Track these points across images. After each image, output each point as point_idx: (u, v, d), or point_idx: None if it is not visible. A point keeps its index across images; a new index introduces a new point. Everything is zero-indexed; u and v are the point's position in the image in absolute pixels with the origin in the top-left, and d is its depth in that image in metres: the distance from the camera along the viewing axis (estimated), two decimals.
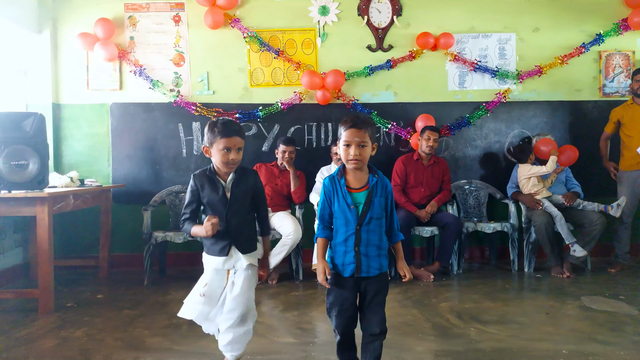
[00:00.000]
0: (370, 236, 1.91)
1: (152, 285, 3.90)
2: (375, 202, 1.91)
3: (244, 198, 2.07)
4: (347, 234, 1.91)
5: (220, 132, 1.98)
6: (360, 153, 1.88)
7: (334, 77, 4.42)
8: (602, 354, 2.38)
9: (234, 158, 1.99)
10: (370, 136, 1.90)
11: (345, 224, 1.92)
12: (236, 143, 2.00)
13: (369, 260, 1.91)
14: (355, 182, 1.94)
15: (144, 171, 4.59)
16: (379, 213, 1.92)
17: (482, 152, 4.74)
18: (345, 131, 1.90)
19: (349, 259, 1.91)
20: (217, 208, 2.04)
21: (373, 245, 1.91)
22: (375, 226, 1.91)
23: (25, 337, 2.72)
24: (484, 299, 3.42)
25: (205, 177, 2.07)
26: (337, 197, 1.93)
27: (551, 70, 4.69)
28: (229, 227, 2.03)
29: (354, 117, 1.92)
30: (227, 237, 2.03)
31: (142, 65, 4.55)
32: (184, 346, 2.58)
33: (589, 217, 4.03)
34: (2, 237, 3.90)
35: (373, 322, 1.92)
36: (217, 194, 2.04)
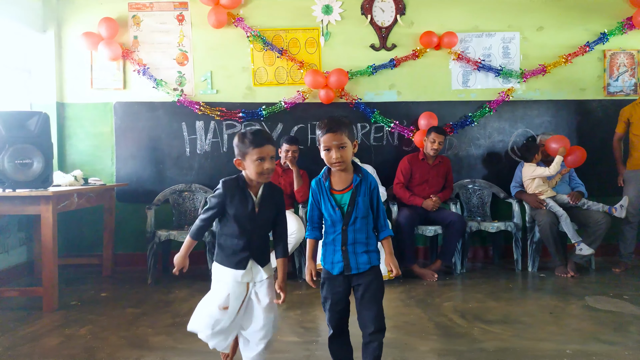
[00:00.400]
0: (357, 235, 1.94)
1: (156, 284, 3.91)
2: (360, 202, 1.93)
3: (269, 215, 2.03)
4: (335, 234, 1.95)
5: (252, 142, 1.93)
6: (342, 155, 1.90)
7: (337, 76, 4.41)
8: (606, 354, 2.37)
9: (269, 167, 1.93)
10: (348, 136, 1.91)
11: (332, 224, 1.96)
12: (269, 152, 1.95)
13: (357, 257, 1.94)
14: (340, 184, 1.96)
15: (147, 170, 4.60)
16: (364, 212, 1.94)
17: (486, 152, 4.72)
18: (323, 137, 1.91)
19: (337, 257, 1.95)
20: (242, 221, 1.97)
21: (360, 243, 1.94)
22: (361, 225, 1.94)
23: (30, 335, 2.74)
24: (487, 298, 3.41)
25: (237, 187, 1.99)
26: (323, 199, 1.96)
27: (555, 69, 4.67)
28: (251, 242, 1.98)
29: (329, 120, 1.93)
30: (247, 251, 1.97)
31: (145, 64, 4.56)
32: (188, 345, 2.59)
33: (593, 217, 4.02)
34: (7, 235, 3.92)
35: (367, 319, 1.92)
36: (246, 208, 1.97)
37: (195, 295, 3.55)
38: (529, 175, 4.24)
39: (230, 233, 1.99)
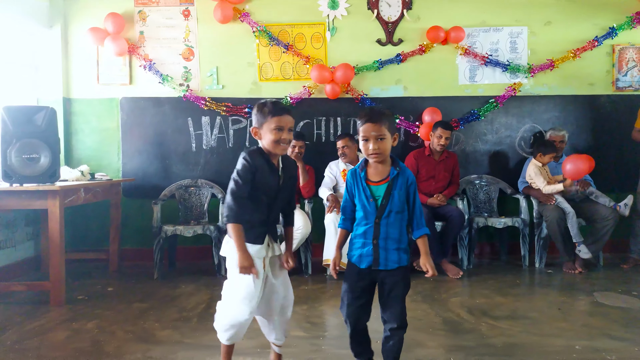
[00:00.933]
0: (390, 229, 1.89)
1: (162, 279, 3.92)
2: (395, 196, 1.89)
3: (289, 187, 2.01)
4: (367, 226, 1.91)
5: (271, 112, 1.89)
6: (379, 147, 1.86)
7: (344, 71, 4.39)
8: (615, 350, 2.35)
9: (286, 137, 1.89)
10: (388, 128, 1.87)
11: (364, 216, 1.92)
12: (288, 122, 1.91)
13: (387, 253, 1.90)
14: (376, 175, 1.93)
15: (153, 165, 4.60)
16: (399, 206, 1.90)
17: (493, 147, 4.69)
18: (362, 126, 1.89)
19: (366, 251, 1.91)
20: (269, 194, 1.92)
21: (392, 239, 1.90)
22: (395, 220, 1.90)
23: (37, 329, 2.75)
24: (494, 294, 3.39)
25: (263, 157, 1.91)
26: (358, 190, 1.93)
27: (563, 64, 4.62)
28: (270, 215, 1.95)
29: (370, 110, 1.90)
30: (265, 225, 1.95)
31: (151, 59, 4.56)
32: (194, 339, 2.59)
33: (601, 213, 3.98)
34: (14, 230, 3.93)
35: (390, 315, 1.91)
36: (274, 179, 1.93)
37: (201, 290, 3.56)
38: (528, 176, 4.23)
39: (253, 208, 1.91)
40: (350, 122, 4.62)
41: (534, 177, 4.17)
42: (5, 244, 3.82)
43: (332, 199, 3.94)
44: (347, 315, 1.97)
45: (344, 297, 1.97)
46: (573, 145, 4.63)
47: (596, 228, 3.99)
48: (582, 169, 3.88)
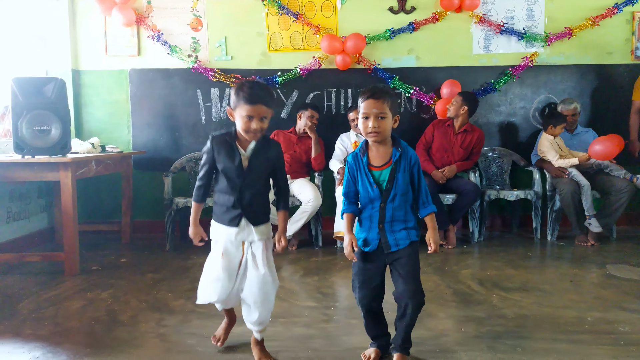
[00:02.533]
0: (396, 212, 1.85)
1: (174, 251, 3.95)
2: (399, 179, 1.83)
3: (261, 170, 1.93)
4: (372, 210, 1.87)
5: (243, 98, 1.81)
6: (379, 125, 1.80)
7: (355, 41, 4.30)
8: (628, 321, 2.34)
9: (255, 127, 1.83)
10: (390, 107, 1.81)
11: (369, 202, 1.87)
12: (260, 112, 1.82)
13: (395, 234, 1.86)
14: (378, 159, 1.87)
15: (163, 138, 4.59)
16: (403, 189, 1.84)
17: (507, 119, 4.61)
18: (363, 102, 1.82)
19: (372, 235, 1.88)
20: (231, 177, 1.90)
21: (398, 221, 1.86)
22: (400, 202, 1.85)
23: (53, 298, 2.79)
24: (506, 266, 3.38)
25: (224, 141, 1.90)
26: (360, 175, 1.88)
27: (581, 32, 4.48)
28: (242, 198, 1.90)
29: (372, 87, 1.84)
30: (239, 208, 1.90)
31: (159, 30, 4.49)
32: (207, 308, 2.61)
33: (616, 185, 3.92)
34: (27, 202, 3.97)
35: (405, 294, 1.86)
36: (233, 163, 1.89)
37: None
38: (540, 149, 4.16)
39: (222, 189, 1.94)
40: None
41: (546, 151, 4.10)
42: (19, 216, 3.87)
43: (343, 172, 3.91)
44: (359, 298, 1.93)
45: (354, 280, 1.94)
46: (588, 116, 4.54)
47: (610, 201, 3.93)
48: (610, 152, 3.77)
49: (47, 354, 2.09)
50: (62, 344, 2.18)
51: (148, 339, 2.24)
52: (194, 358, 2.04)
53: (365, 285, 1.91)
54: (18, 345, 2.18)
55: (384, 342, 2.01)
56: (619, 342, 2.13)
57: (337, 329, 2.32)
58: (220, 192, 1.95)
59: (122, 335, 2.27)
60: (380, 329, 2.01)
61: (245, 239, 1.94)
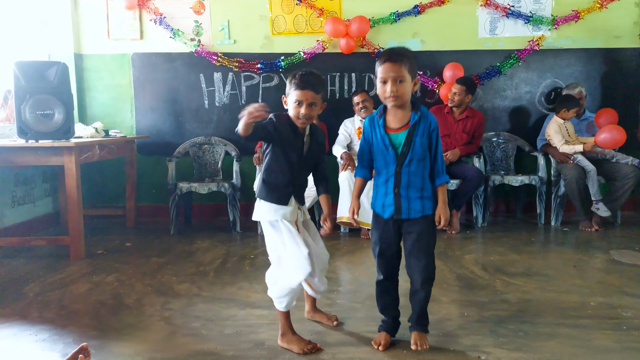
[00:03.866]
0: (412, 178, 1.82)
1: (178, 235, 3.97)
2: (417, 143, 1.79)
3: (315, 154, 2.01)
4: (387, 175, 1.85)
5: (294, 84, 1.87)
6: (398, 89, 1.74)
7: (359, 24, 4.25)
8: (631, 306, 2.35)
9: (304, 113, 1.86)
10: (408, 70, 1.75)
11: (384, 166, 1.86)
12: (308, 97, 1.85)
13: (410, 202, 1.84)
14: (395, 122, 1.83)
15: (167, 123, 4.58)
16: (420, 154, 1.81)
17: (512, 103, 4.57)
18: (380, 66, 1.77)
19: (388, 200, 1.86)
20: (292, 159, 1.93)
21: (414, 187, 1.83)
22: (417, 168, 1.82)
23: (59, 282, 2.82)
24: (509, 251, 3.38)
25: (288, 123, 1.92)
26: (376, 138, 1.85)
27: (589, 15, 4.41)
28: (295, 179, 1.96)
29: (390, 50, 1.79)
30: (290, 188, 1.95)
31: (162, 13, 4.45)
32: (211, 292, 2.64)
33: (622, 171, 3.90)
34: (32, 186, 3.99)
35: (416, 268, 1.88)
36: (296, 147, 1.93)
37: (217, 246, 3.60)
38: (547, 132, 4.12)
39: (275, 168, 1.94)
40: (365, 77, 4.52)
41: (553, 135, 4.07)
42: (24, 200, 3.88)
43: (346, 157, 3.90)
44: (378, 264, 1.96)
45: (374, 248, 1.96)
46: (595, 101, 4.49)
47: (616, 186, 3.92)
48: (618, 140, 3.76)
49: (53, 336, 2.11)
50: (68, 327, 2.20)
51: (153, 322, 2.26)
52: (199, 341, 2.06)
53: (383, 253, 1.93)
54: (25, 328, 2.20)
55: (391, 322, 2.00)
56: (621, 327, 2.13)
57: (340, 312, 2.33)
58: (272, 171, 1.95)
59: (127, 319, 2.29)
60: (391, 299, 2.00)
61: (297, 218, 1.99)
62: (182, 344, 2.03)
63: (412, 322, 1.98)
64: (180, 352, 1.96)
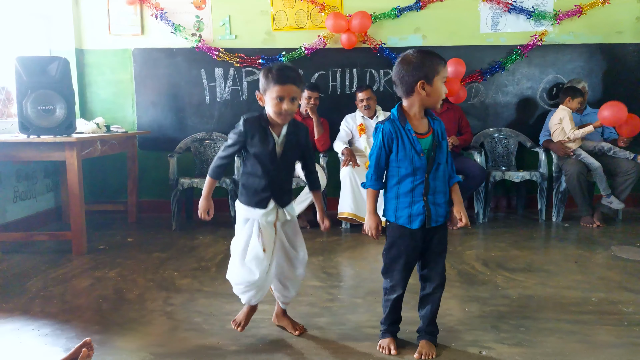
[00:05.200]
0: (437, 183, 1.81)
1: (180, 230, 3.98)
2: (443, 146, 1.81)
3: (293, 154, 1.95)
4: (415, 183, 1.79)
5: (274, 79, 1.80)
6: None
7: (360, 20, 4.24)
8: (632, 302, 2.35)
9: (287, 109, 1.81)
10: None
11: (412, 172, 1.78)
12: (290, 92, 1.81)
13: (437, 208, 1.81)
14: (421, 127, 1.80)
15: (168, 118, 4.58)
16: (443, 158, 1.81)
17: (514, 99, 4.56)
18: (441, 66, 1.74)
19: (417, 209, 1.80)
20: (264, 162, 1.89)
21: (440, 193, 1.82)
22: (441, 172, 1.81)
23: (61, 277, 2.83)
24: (510, 247, 3.39)
25: (258, 125, 1.87)
26: (403, 143, 1.78)
27: (592, 10, 4.40)
28: (272, 182, 1.91)
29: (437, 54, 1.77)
30: (268, 191, 1.91)
31: (163, 8, 4.44)
32: (213, 287, 2.64)
33: (623, 167, 3.89)
34: (34, 182, 3.99)
35: (435, 273, 1.87)
36: (266, 147, 1.87)
37: (219, 241, 3.61)
38: (557, 120, 4.07)
39: (252, 172, 1.92)
40: (366, 73, 4.51)
41: (563, 122, 4.03)
42: (26, 195, 3.89)
43: (348, 153, 3.90)
44: (398, 281, 1.87)
45: (393, 264, 1.86)
46: (597, 96, 4.48)
47: (617, 182, 3.91)
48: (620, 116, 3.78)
49: (56, 331, 2.12)
50: (71, 321, 2.21)
51: (155, 317, 2.27)
52: (201, 336, 2.07)
53: (407, 267, 1.86)
54: (27, 323, 2.21)
55: (397, 329, 1.97)
56: (622, 322, 2.14)
57: (341, 307, 2.34)
58: (250, 175, 1.93)
59: (129, 313, 2.30)
60: (399, 313, 1.96)
61: (276, 220, 1.95)
62: (184, 339, 2.04)
63: (422, 330, 1.94)
64: (183, 347, 1.97)
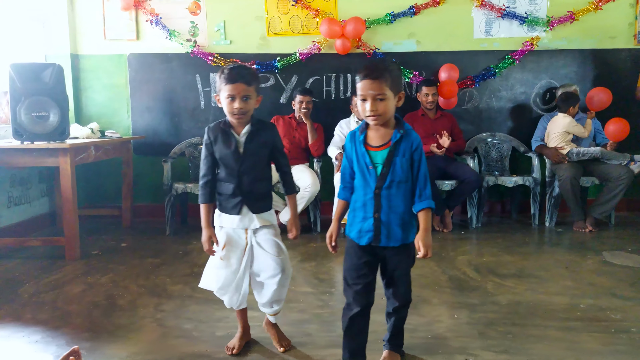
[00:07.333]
0: (393, 202, 1.66)
1: (174, 235, 3.99)
2: (397, 163, 1.65)
3: (259, 154, 1.90)
4: (366, 197, 1.69)
5: (224, 79, 1.80)
6: (378, 108, 1.60)
7: (354, 25, 4.26)
8: (620, 309, 2.36)
9: (238, 107, 1.80)
10: (390, 86, 1.61)
11: (364, 186, 1.70)
12: (240, 90, 1.79)
13: (390, 229, 1.68)
14: (377, 139, 1.69)
15: (163, 123, 4.59)
16: (401, 176, 1.66)
17: (507, 104, 4.58)
18: (359, 83, 1.63)
19: (366, 226, 1.70)
20: (229, 164, 1.88)
21: (396, 213, 1.67)
22: (398, 191, 1.66)
23: (53, 283, 2.84)
24: (502, 252, 3.40)
25: (219, 129, 1.89)
26: (357, 155, 1.70)
27: (584, 16, 4.42)
28: (241, 184, 1.88)
29: (369, 65, 1.63)
30: (239, 195, 1.88)
31: (158, 14, 4.46)
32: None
33: (614, 172, 3.90)
34: (28, 187, 4.00)
35: (395, 294, 1.79)
36: (229, 149, 1.86)
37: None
38: (564, 128, 4.06)
39: (222, 177, 1.92)
40: None
41: (576, 129, 4.02)
42: (20, 200, 3.90)
43: (341, 158, 3.91)
44: (352, 296, 1.74)
45: (346, 277, 1.76)
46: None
47: (609, 187, 3.93)
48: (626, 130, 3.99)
49: (46, 337, 2.13)
50: (61, 328, 2.22)
51: (145, 323, 2.28)
52: (190, 343, 2.08)
53: (358, 281, 1.73)
54: (18, 329, 2.22)
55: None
56: (609, 329, 2.15)
57: (331, 314, 2.35)
58: (221, 180, 1.93)
59: (120, 320, 2.31)
60: (360, 341, 1.78)
61: (248, 226, 1.92)
62: (173, 346, 2.05)
63: (386, 340, 1.90)
64: (171, 355, 1.98)
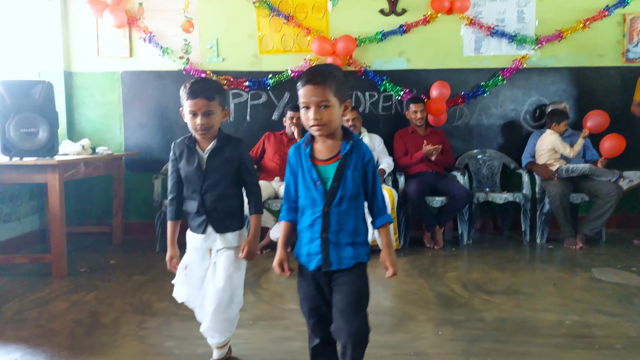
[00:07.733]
0: (342, 219, 1.51)
1: (164, 252, 3.90)
2: (348, 177, 1.50)
3: (223, 170, 1.83)
4: (314, 216, 1.53)
5: (185, 94, 1.76)
6: (322, 116, 1.46)
7: (345, 43, 4.31)
8: (605, 326, 2.35)
9: (200, 123, 1.75)
10: (334, 93, 1.47)
11: (311, 204, 1.53)
12: (202, 106, 1.74)
13: (340, 249, 1.52)
14: (324, 152, 1.54)
15: (155, 139, 4.61)
16: (353, 190, 1.51)
17: (497, 121, 4.61)
18: (300, 89, 1.49)
19: (314, 248, 1.53)
20: (192, 181, 1.83)
21: (345, 232, 1.52)
22: (349, 207, 1.51)
23: (38, 300, 2.82)
24: (492, 269, 3.39)
25: (185, 145, 1.85)
26: (302, 170, 1.55)
27: (572, 34, 4.48)
28: (205, 202, 1.83)
29: (311, 70, 1.50)
30: (203, 214, 1.84)
31: (151, 32, 4.51)
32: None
33: (604, 189, 3.91)
34: (18, 203, 4.00)
35: (345, 332, 1.49)
36: (192, 165, 1.82)
37: None
38: (550, 145, 4.09)
39: (188, 195, 1.88)
40: (352, 95, 4.56)
41: (560, 147, 4.05)
42: (10, 217, 3.89)
43: None
44: (311, 328, 1.61)
45: (302, 306, 1.61)
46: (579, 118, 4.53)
47: (598, 204, 3.93)
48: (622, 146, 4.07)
49: (25, 355, 2.11)
50: (42, 346, 2.20)
51: (127, 341, 2.26)
52: None
53: (314, 311, 1.58)
54: None
55: None
56: (593, 346, 2.13)
57: None
58: (187, 198, 1.91)
59: (101, 338, 2.29)
60: None
61: (212, 246, 1.89)
62: None
63: None
64: None
